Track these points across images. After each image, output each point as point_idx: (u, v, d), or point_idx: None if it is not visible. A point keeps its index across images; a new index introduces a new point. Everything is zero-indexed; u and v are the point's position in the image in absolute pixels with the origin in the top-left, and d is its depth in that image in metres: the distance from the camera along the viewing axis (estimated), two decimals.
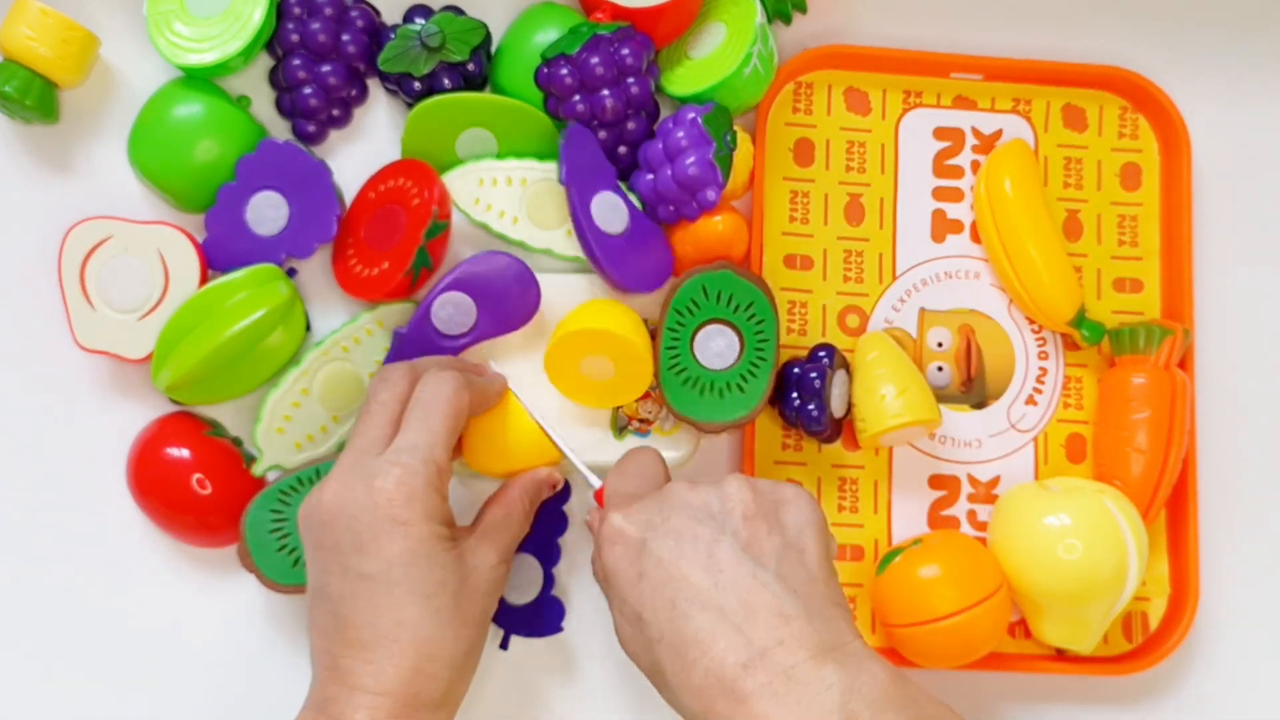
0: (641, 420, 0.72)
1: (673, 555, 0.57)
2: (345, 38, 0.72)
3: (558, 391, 0.69)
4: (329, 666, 0.59)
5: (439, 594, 0.59)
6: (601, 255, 0.68)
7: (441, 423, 0.62)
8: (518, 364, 0.70)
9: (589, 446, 0.71)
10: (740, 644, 0.54)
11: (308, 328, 0.72)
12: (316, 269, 0.73)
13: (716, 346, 0.70)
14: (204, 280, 0.69)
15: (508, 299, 0.69)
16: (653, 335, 0.70)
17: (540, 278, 0.70)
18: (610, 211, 0.69)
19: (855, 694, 0.52)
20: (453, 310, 0.69)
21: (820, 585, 0.57)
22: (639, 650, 0.59)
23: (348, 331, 0.70)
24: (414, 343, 0.69)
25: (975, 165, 0.76)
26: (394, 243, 0.69)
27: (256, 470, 0.70)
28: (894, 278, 0.75)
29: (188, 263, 0.69)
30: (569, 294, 0.71)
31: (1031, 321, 0.75)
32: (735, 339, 0.69)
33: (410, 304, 0.71)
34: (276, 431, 0.70)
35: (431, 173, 0.69)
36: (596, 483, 0.67)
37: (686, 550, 0.57)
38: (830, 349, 0.71)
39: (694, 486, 0.60)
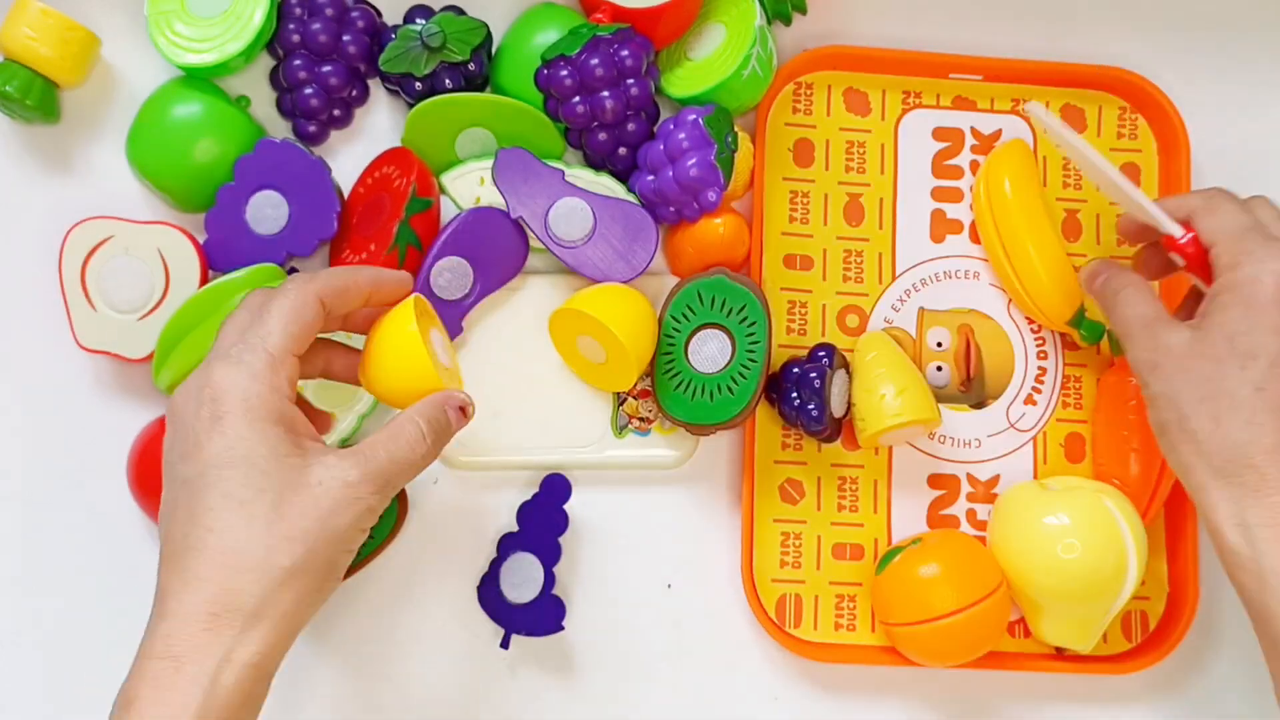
0: (642, 419, 0.72)
1: None
2: (346, 38, 0.72)
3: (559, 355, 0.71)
4: (157, 590, 0.55)
5: (256, 500, 0.53)
6: (575, 264, 0.70)
7: (279, 314, 0.56)
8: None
9: (589, 445, 0.72)
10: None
11: None
12: (318, 268, 0.73)
13: (709, 351, 0.70)
14: (204, 280, 0.69)
15: (498, 250, 0.70)
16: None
17: (542, 278, 0.70)
18: (570, 217, 0.70)
19: None
20: (450, 275, 0.70)
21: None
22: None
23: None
24: None
25: (974, 165, 0.77)
26: (379, 225, 0.69)
27: None
28: (893, 278, 0.76)
29: (188, 263, 0.69)
30: (570, 293, 0.71)
31: (1031, 321, 0.75)
32: (728, 343, 0.70)
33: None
34: None
35: (412, 156, 0.70)
36: (1177, 230, 0.65)
37: None
38: (830, 349, 0.71)
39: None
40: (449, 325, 0.70)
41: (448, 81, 0.72)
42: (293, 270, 0.71)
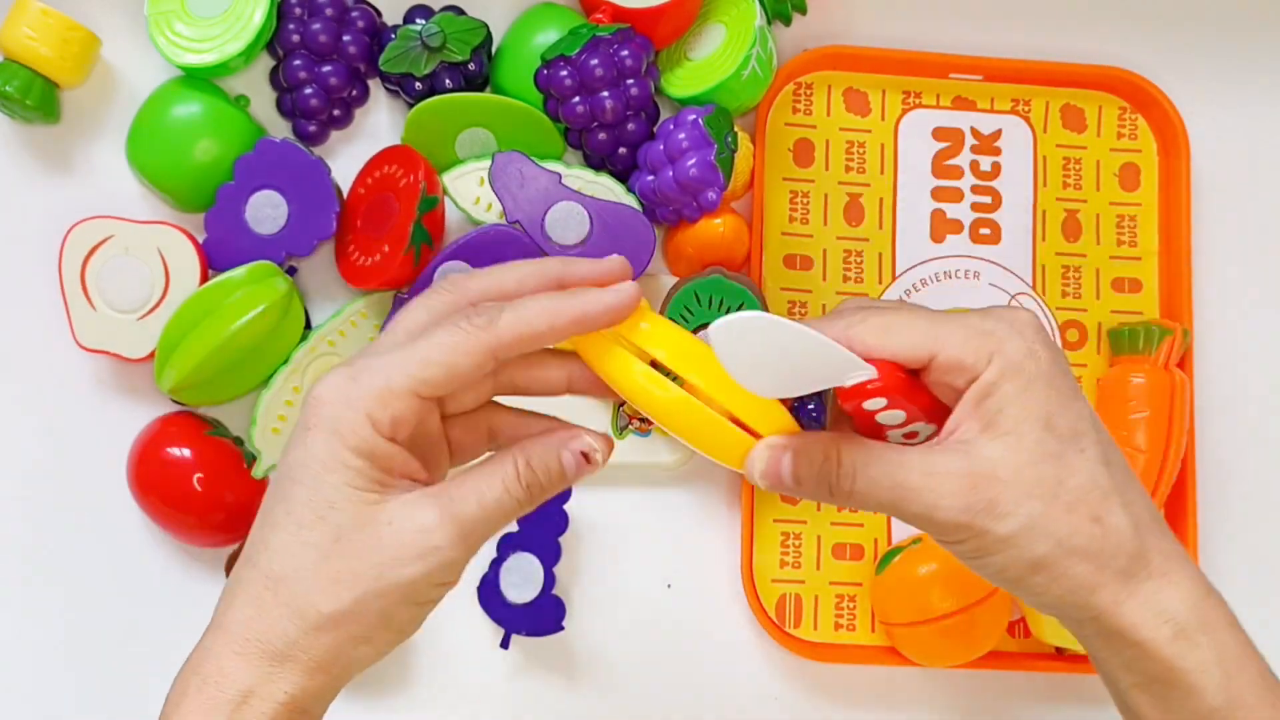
0: (642, 420, 0.72)
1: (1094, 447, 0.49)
2: (346, 38, 0.72)
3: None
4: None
5: (315, 526, 0.47)
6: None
7: (430, 348, 0.48)
8: None
9: None
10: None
11: (308, 325, 0.72)
12: (317, 268, 0.73)
13: None
14: (204, 279, 0.69)
15: None
16: None
17: None
18: (566, 221, 0.70)
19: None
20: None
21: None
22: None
23: (333, 325, 0.70)
24: None
25: (975, 165, 0.77)
26: (390, 225, 0.69)
27: (256, 472, 0.70)
28: (893, 278, 0.76)
29: (188, 262, 0.69)
30: None
31: None
32: None
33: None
34: (273, 432, 0.70)
35: (415, 154, 0.69)
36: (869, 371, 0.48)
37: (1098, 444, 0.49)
38: None
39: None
40: None
41: (448, 81, 0.72)
42: (291, 270, 0.71)
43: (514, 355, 0.49)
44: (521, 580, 0.70)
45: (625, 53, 0.69)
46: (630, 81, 0.70)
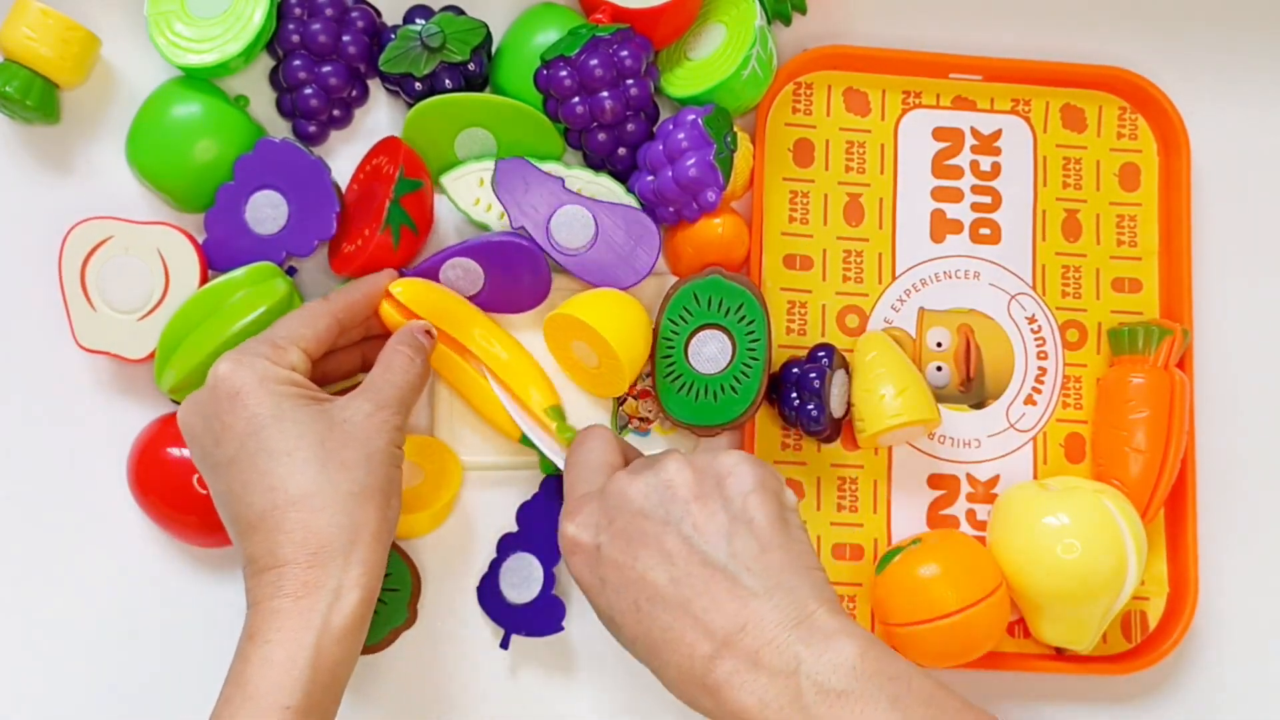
0: (641, 419, 0.72)
1: (626, 558, 0.56)
2: (346, 38, 0.72)
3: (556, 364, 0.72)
4: (243, 561, 0.59)
5: (299, 447, 0.59)
6: (579, 272, 0.70)
7: (289, 318, 0.64)
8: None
9: None
10: (704, 636, 0.53)
11: None
12: (317, 269, 0.73)
13: (709, 351, 0.70)
14: (204, 280, 0.69)
15: (518, 280, 0.70)
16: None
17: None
18: (571, 224, 0.70)
19: (820, 672, 0.51)
20: (460, 273, 0.70)
21: (776, 554, 0.55)
22: (624, 648, 0.58)
23: None
24: None
25: (975, 165, 0.77)
26: (371, 210, 0.69)
27: None
28: (893, 278, 0.76)
29: (188, 262, 0.69)
30: (566, 296, 0.71)
31: (1031, 321, 0.76)
32: (728, 343, 0.70)
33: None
34: None
35: (398, 142, 0.70)
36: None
37: (638, 550, 0.56)
38: (830, 349, 0.71)
39: (634, 476, 0.58)
40: None
41: (447, 82, 0.72)
42: (291, 270, 0.71)
43: (350, 320, 0.66)
44: (521, 580, 0.70)
45: (625, 53, 0.69)
46: (630, 82, 0.70)
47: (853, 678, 0.51)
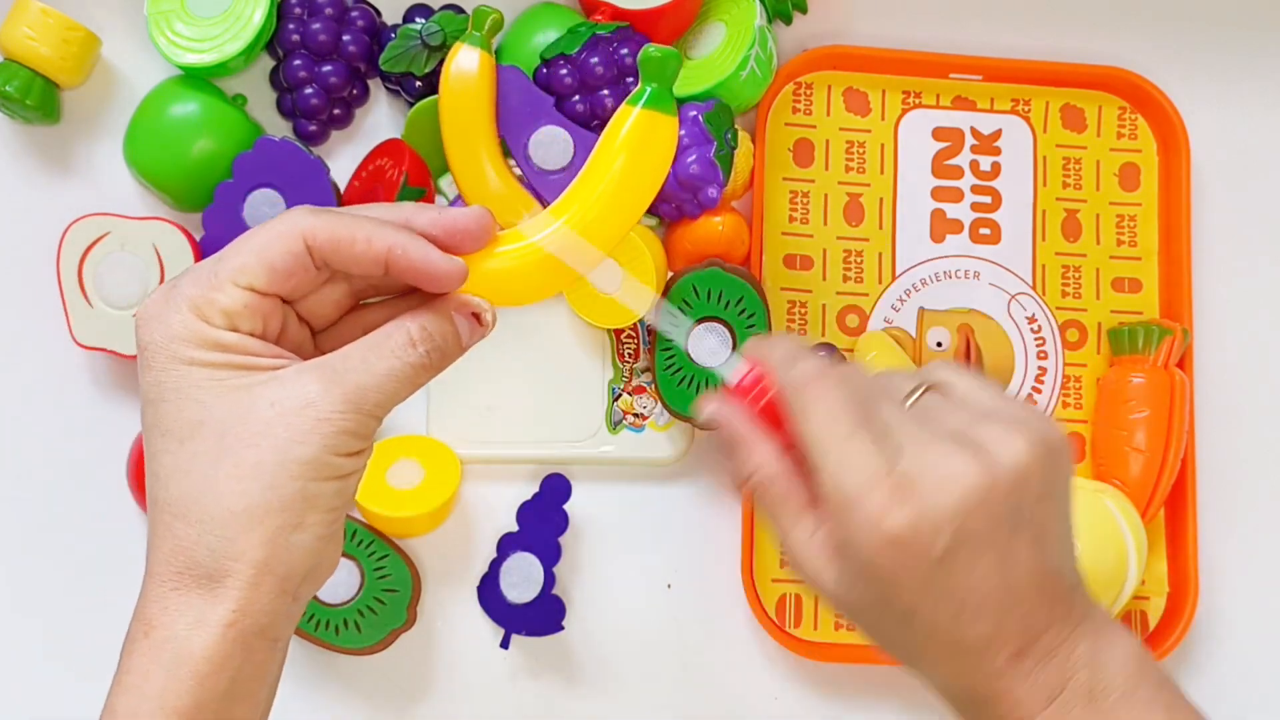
0: (636, 415, 0.72)
1: (970, 565, 0.46)
2: (346, 38, 0.72)
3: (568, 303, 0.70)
4: None
5: (195, 435, 0.45)
6: (545, 193, 0.68)
7: (244, 241, 0.47)
8: None
9: (583, 440, 0.72)
10: (1016, 636, 0.46)
11: None
12: None
13: (710, 344, 0.70)
14: None
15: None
16: (649, 333, 0.71)
17: None
18: (550, 146, 0.69)
19: (1106, 668, 0.47)
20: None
21: (1074, 550, 0.49)
22: (887, 631, 0.49)
23: None
24: None
25: (975, 165, 0.77)
26: None
27: None
28: (893, 277, 0.76)
29: (183, 258, 0.69)
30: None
31: (1031, 321, 0.76)
32: (728, 335, 0.70)
33: None
34: None
35: (403, 146, 0.70)
36: (733, 375, 0.51)
37: (988, 557, 0.46)
38: (830, 349, 0.71)
39: (992, 475, 0.45)
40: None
41: None
42: None
43: (334, 257, 0.47)
44: (521, 580, 0.70)
45: (625, 51, 0.69)
46: (630, 80, 0.70)
47: (1132, 678, 0.48)
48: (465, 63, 0.68)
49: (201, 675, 0.45)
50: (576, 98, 0.69)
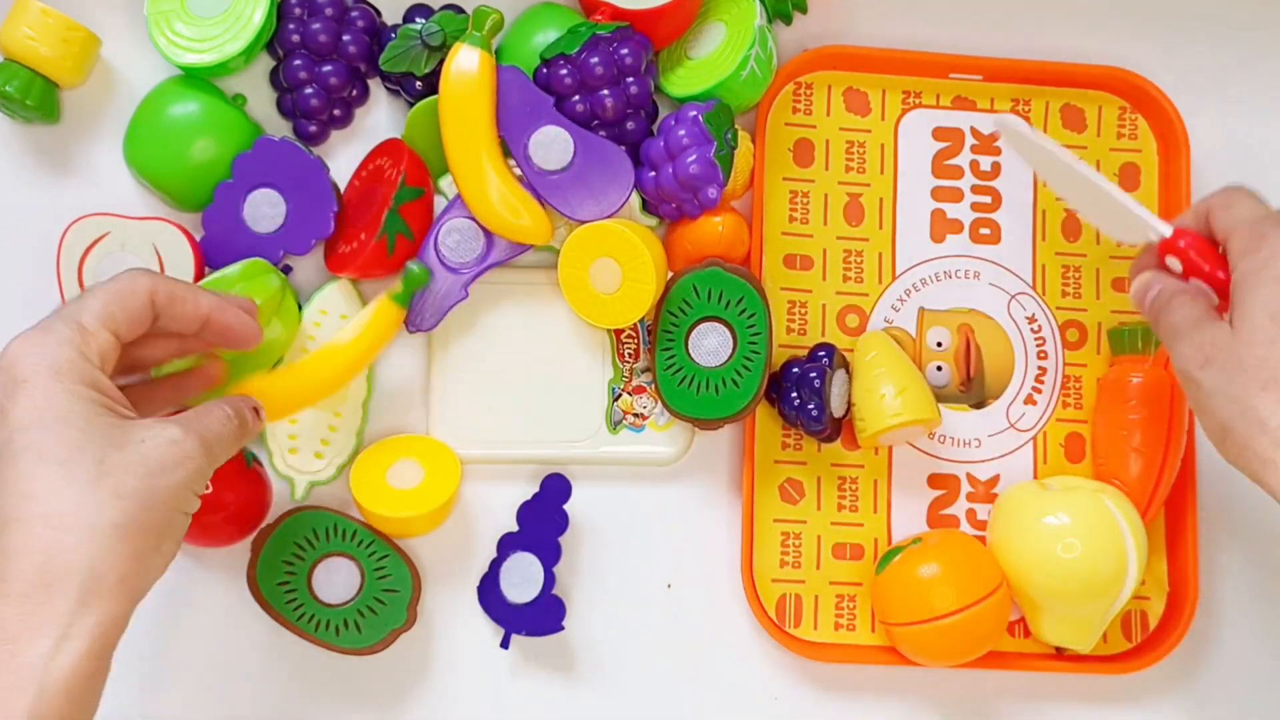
0: (636, 415, 0.72)
1: None
2: (346, 38, 0.72)
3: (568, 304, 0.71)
4: None
5: (76, 458, 0.51)
6: (544, 194, 0.69)
7: (99, 293, 0.55)
8: None
9: (583, 440, 0.72)
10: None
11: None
12: (312, 267, 0.73)
13: (710, 344, 0.70)
14: (199, 276, 0.69)
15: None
16: (649, 332, 0.71)
17: (533, 272, 0.70)
18: (550, 145, 0.69)
19: None
20: (459, 237, 0.70)
21: None
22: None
23: (306, 324, 0.70)
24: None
25: (975, 165, 0.77)
26: (369, 215, 0.69)
27: (299, 497, 0.70)
28: (893, 277, 0.76)
29: (182, 257, 0.69)
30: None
31: (1031, 320, 0.76)
32: (728, 335, 0.70)
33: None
34: (291, 454, 0.70)
35: (402, 146, 0.70)
36: (1166, 229, 0.63)
37: None
38: (830, 349, 0.71)
39: None
40: (451, 293, 0.70)
41: None
42: (287, 269, 0.71)
43: (168, 310, 0.57)
44: (521, 580, 0.70)
45: (625, 51, 0.69)
46: (630, 80, 0.70)
47: None
48: (465, 63, 0.68)
49: (70, 686, 0.49)
50: (576, 98, 0.70)
